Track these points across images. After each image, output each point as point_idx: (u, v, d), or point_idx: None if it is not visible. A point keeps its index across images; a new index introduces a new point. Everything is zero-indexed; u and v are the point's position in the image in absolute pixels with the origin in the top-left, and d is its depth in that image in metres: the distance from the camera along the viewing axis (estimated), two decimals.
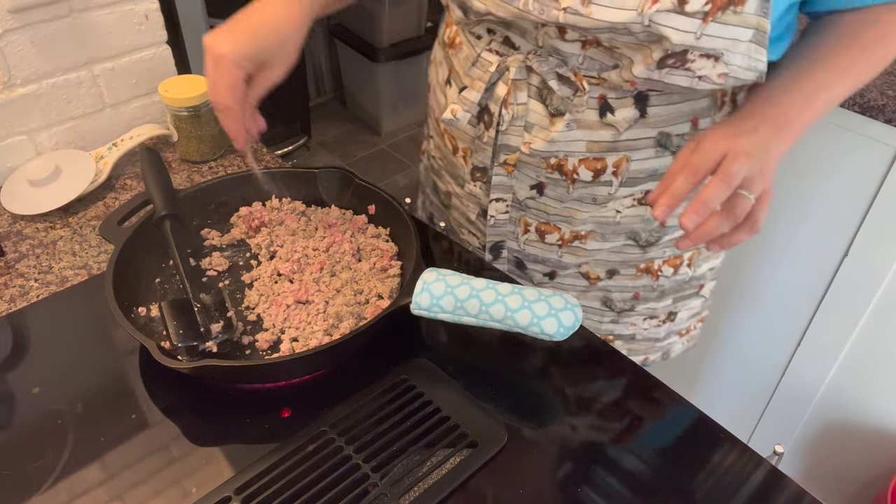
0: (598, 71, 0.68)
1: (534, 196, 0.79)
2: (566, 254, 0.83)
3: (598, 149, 0.72)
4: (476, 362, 0.71)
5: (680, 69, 0.62)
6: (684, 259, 0.85)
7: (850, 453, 1.42)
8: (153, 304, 0.73)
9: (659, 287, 0.86)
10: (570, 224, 0.80)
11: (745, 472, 0.62)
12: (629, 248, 0.82)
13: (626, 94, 0.69)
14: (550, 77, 0.69)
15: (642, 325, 0.91)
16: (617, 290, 0.87)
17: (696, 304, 0.93)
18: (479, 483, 0.59)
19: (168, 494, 0.59)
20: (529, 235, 0.83)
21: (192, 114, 0.98)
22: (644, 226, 0.79)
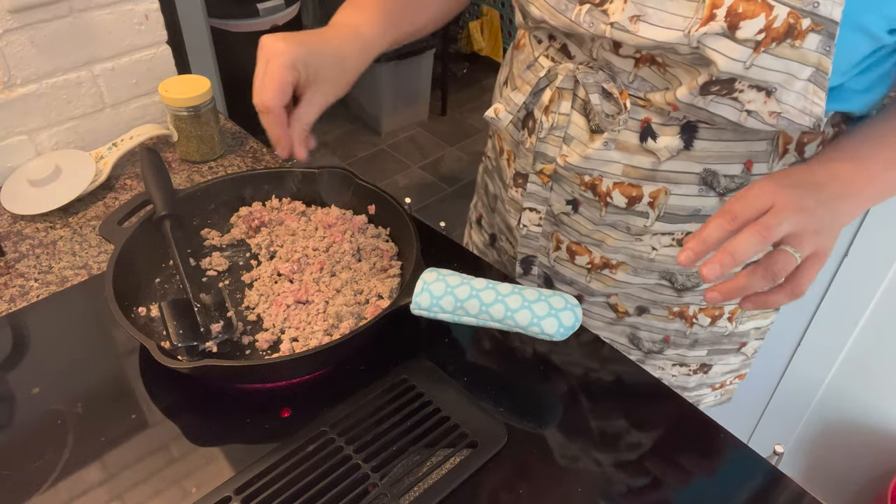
0: (645, 92, 0.64)
1: (568, 212, 0.75)
2: (594, 280, 0.79)
3: (635, 174, 0.68)
4: (476, 362, 0.71)
5: (726, 98, 0.58)
6: (725, 312, 0.79)
7: (850, 453, 1.42)
8: (153, 304, 0.73)
9: (692, 335, 0.81)
10: (600, 249, 0.76)
11: (745, 472, 0.62)
12: (663, 289, 0.77)
13: (673, 122, 0.64)
14: (593, 90, 0.66)
15: (670, 371, 0.86)
16: (646, 329, 0.82)
17: (735, 361, 0.87)
18: (479, 483, 0.59)
19: (168, 494, 0.59)
20: (560, 253, 0.80)
21: (192, 114, 0.98)
22: (681, 269, 0.74)
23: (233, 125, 1.12)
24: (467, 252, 0.86)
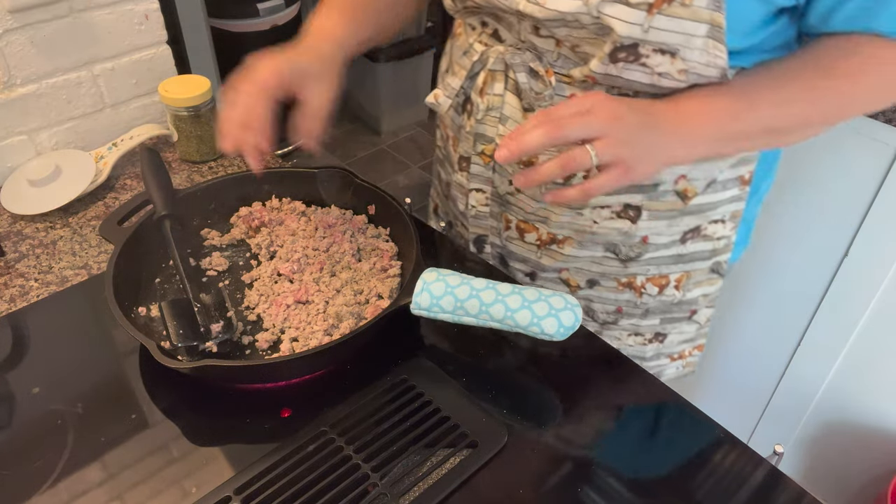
0: (568, 69, 0.68)
1: (512, 192, 0.79)
2: (545, 255, 0.82)
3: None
4: (476, 362, 0.71)
5: (635, 63, 0.62)
6: (671, 280, 0.81)
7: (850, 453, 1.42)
8: (153, 304, 0.73)
9: (643, 305, 0.84)
10: (546, 225, 0.79)
11: (745, 472, 0.62)
12: (608, 261, 0.80)
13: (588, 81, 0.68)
14: (520, 70, 0.70)
15: (626, 341, 0.88)
16: (598, 301, 0.85)
17: (690, 329, 0.89)
18: (479, 483, 0.59)
19: (168, 494, 0.59)
20: (511, 232, 0.83)
21: (192, 114, 0.98)
22: (623, 239, 0.77)
23: None
24: (467, 252, 0.86)
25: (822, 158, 1.21)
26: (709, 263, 0.80)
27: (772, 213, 1.32)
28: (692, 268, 0.80)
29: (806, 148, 1.22)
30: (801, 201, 1.27)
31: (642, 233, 0.75)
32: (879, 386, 1.30)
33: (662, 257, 0.78)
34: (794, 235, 1.30)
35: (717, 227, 0.77)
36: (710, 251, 0.79)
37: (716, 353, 1.55)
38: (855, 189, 1.18)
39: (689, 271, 0.81)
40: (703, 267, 0.80)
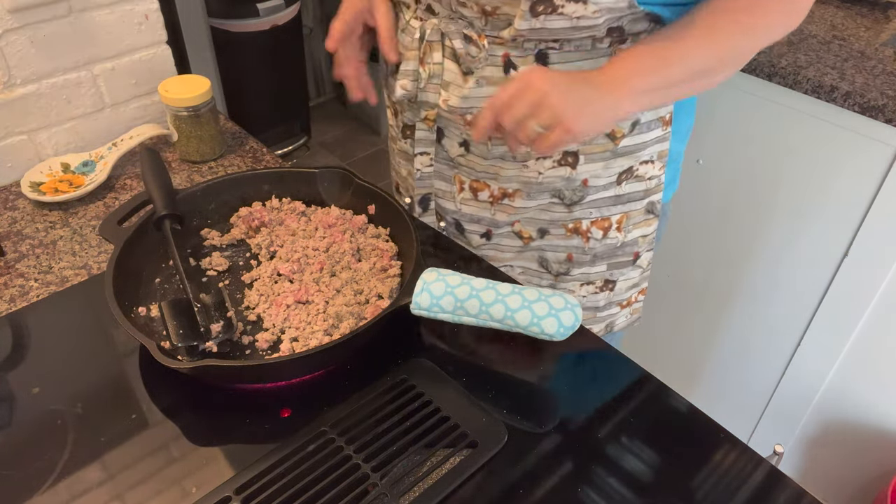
0: (496, 30, 0.74)
1: (463, 153, 0.85)
2: (498, 211, 0.88)
3: None
4: (476, 362, 0.71)
5: (553, 14, 0.68)
6: (612, 222, 0.87)
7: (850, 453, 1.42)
8: (153, 304, 0.73)
9: (590, 250, 0.89)
10: (497, 181, 0.85)
11: (745, 472, 0.62)
12: (555, 207, 0.86)
13: (528, 53, 0.74)
14: (456, 37, 0.76)
15: (580, 292, 0.94)
16: (550, 250, 0.90)
17: (635, 274, 0.95)
18: (479, 483, 0.59)
19: (168, 494, 0.59)
20: (465, 194, 0.88)
21: (192, 114, 0.98)
22: (566, 184, 0.83)
23: (233, 125, 1.12)
24: (467, 252, 0.86)
25: (822, 159, 1.21)
26: (644, 203, 0.87)
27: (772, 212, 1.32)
28: (629, 209, 0.87)
29: (806, 148, 1.22)
30: (802, 201, 1.27)
31: (582, 176, 0.82)
32: (879, 386, 1.30)
33: (602, 199, 0.85)
34: (795, 235, 1.30)
35: (647, 167, 0.84)
36: (643, 191, 0.86)
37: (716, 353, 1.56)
38: (855, 189, 1.18)
39: (628, 212, 0.87)
40: (639, 208, 0.87)
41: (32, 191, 0.93)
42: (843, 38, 1.28)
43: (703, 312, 1.53)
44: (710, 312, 1.51)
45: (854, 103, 1.11)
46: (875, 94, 1.10)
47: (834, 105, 1.14)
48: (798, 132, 1.22)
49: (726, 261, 1.43)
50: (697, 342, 1.58)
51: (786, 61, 1.19)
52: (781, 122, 1.23)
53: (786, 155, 1.26)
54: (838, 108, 1.14)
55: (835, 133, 1.18)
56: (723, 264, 1.44)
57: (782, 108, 1.22)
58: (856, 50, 1.24)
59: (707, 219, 1.43)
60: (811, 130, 1.21)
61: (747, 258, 1.39)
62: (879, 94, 1.10)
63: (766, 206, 1.33)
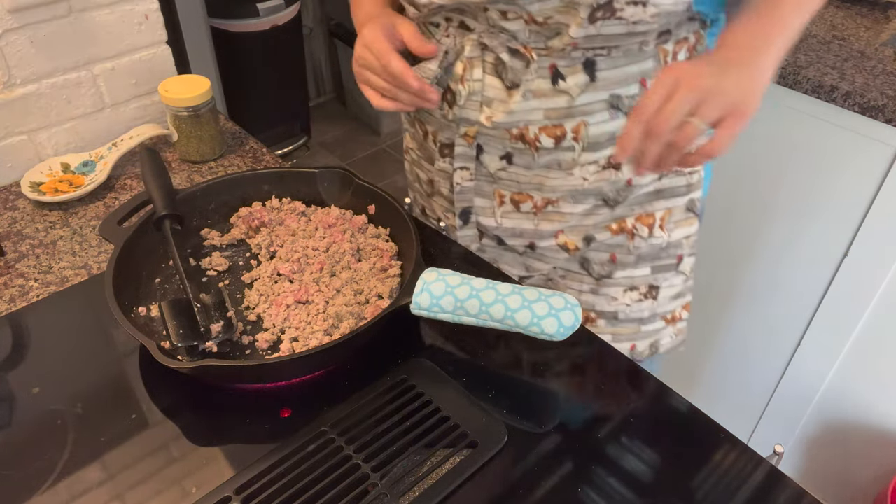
0: (544, 41, 0.71)
1: (504, 167, 0.82)
2: (542, 221, 0.85)
3: (555, 115, 0.75)
4: (476, 362, 0.71)
5: (612, 19, 0.67)
6: (656, 218, 0.86)
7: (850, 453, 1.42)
8: (153, 304, 0.73)
9: (635, 249, 0.87)
10: (541, 192, 0.83)
11: (745, 472, 0.62)
12: (600, 209, 0.84)
13: (575, 62, 0.72)
14: (502, 51, 0.73)
15: (623, 300, 0.91)
16: (594, 252, 0.88)
17: (678, 281, 0.92)
18: (479, 483, 0.59)
19: (168, 494, 0.59)
20: (505, 207, 0.86)
21: (192, 114, 0.98)
22: (611, 186, 0.82)
23: (233, 125, 1.12)
24: (467, 252, 0.86)
25: (822, 159, 1.21)
26: (685, 200, 0.86)
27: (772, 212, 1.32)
28: (672, 204, 0.86)
29: (806, 148, 1.22)
30: (802, 201, 1.27)
31: (626, 177, 0.81)
32: (879, 386, 1.30)
33: (644, 195, 0.83)
34: (795, 235, 1.30)
35: None
36: (685, 186, 0.85)
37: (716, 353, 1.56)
38: (855, 189, 1.18)
39: (670, 208, 0.86)
40: (681, 204, 0.86)
41: (32, 191, 0.93)
42: (843, 38, 1.28)
43: (704, 312, 1.53)
44: (711, 312, 1.51)
45: (854, 103, 1.11)
46: (875, 94, 1.10)
47: (834, 105, 1.14)
48: (798, 132, 1.22)
49: (726, 261, 1.43)
50: (697, 342, 1.58)
51: (786, 61, 1.19)
52: (781, 122, 1.23)
53: (786, 155, 1.26)
54: (838, 108, 1.14)
55: (835, 133, 1.18)
56: (723, 264, 1.44)
57: (782, 108, 1.22)
58: (856, 50, 1.24)
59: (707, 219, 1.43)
60: (811, 130, 1.21)
61: (747, 258, 1.39)
62: (879, 94, 1.10)
63: (766, 206, 1.33)
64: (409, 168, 1.01)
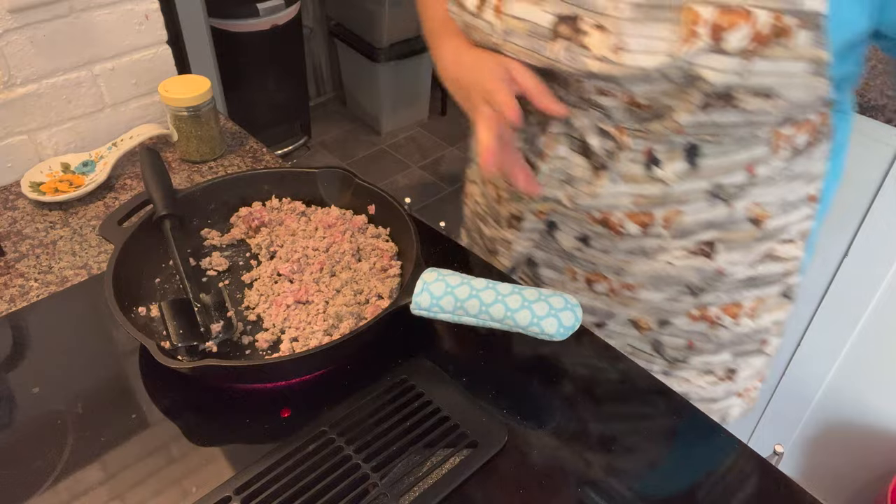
0: (641, 122, 0.63)
1: (580, 247, 0.75)
2: (616, 303, 0.78)
3: (645, 203, 0.68)
4: (476, 362, 0.71)
5: (727, 108, 0.58)
6: (744, 307, 0.77)
7: (850, 453, 1.42)
8: (153, 304, 0.73)
9: (716, 338, 0.79)
10: (619, 276, 0.75)
11: (745, 472, 0.62)
12: (683, 297, 0.76)
13: (675, 147, 0.64)
14: (591, 133, 0.65)
15: (697, 383, 0.83)
16: (669, 335, 0.80)
17: (759, 362, 0.84)
18: (480, 483, 0.59)
19: (168, 494, 0.59)
20: (577, 284, 0.79)
21: (192, 114, 0.98)
22: (699, 274, 0.73)
23: (233, 125, 1.12)
24: (467, 252, 0.86)
25: None
26: (780, 287, 0.77)
27: None
28: (764, 293, 0.76)
29: None
30: None
31: (717, 265, 0.72)
32: (879, 386, 1.30)
33: (735, 282, 0.74)
34: None
35: (788, 247, 0.74)
36: (781, 273, 0.75)
37: None
38: (855, 189, 1.18)
39: (762, 297, 0.77)
40: (775, 291, 0.77)
41: (32, 191, 0.93)
42: None
43: None
44: None
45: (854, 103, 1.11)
46: (875, 94, 1.10)
47: None
48: None
49: None
50: None
51: None
52: None
53: None
54: None
55: None
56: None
57: None
58: None
59: None
60: None
61: None
62: (879, 93, 1.10)
63: None
64: (471, 217, 0.94)
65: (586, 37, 0.57)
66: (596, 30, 0.57)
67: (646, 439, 0.64)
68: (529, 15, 0.61)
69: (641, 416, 0.67)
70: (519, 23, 0.62)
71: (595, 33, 0.57)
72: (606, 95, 0.61)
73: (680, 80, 0.56)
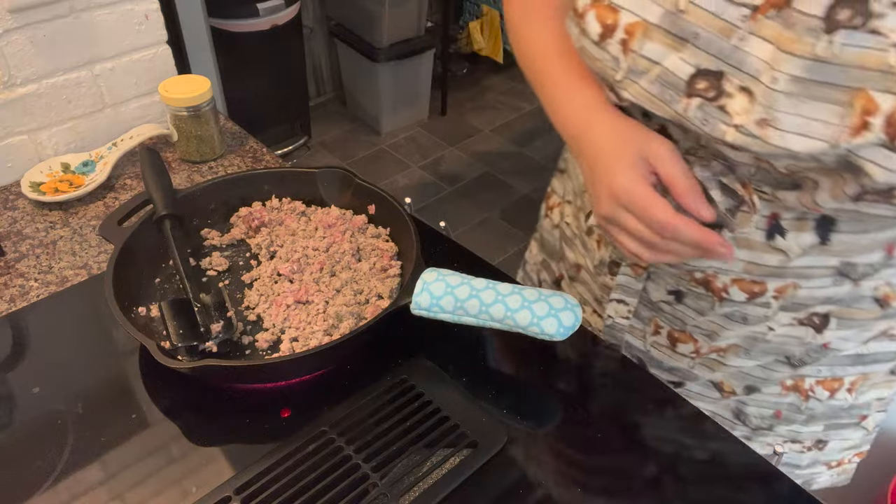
0: (772, 186, 0.55)
1: (670, 301, 0.67)
2: (700, 366, 0.71)
3: (758, 272, 0.60)
4: (476, 362, 0.71)
5: (881, 201, 0.49)
6: (845, 382, 0.69)
7: None
8: (153, 304, 0.73)
9: (807, 410, 0.71)
10: (710, 339, 0.68)
11: (746, 472, 0.62)
12: (778, 365, 0.68)
13: (806, 218, 0.56)
14: (712, 186, 0.56)
15: (780, 449, 0.76)
16: (754, 405, 0.73)
17: (856, 436, 0.76)
18: (479, 483, 0.59)
19: (168, 494, 0.59)
20: (659, 339, 0.72)
21: (192, 114, 0.98)
22: (801, 346, 0.65)
23: (233, 125, 1.12)
24: (467, 252, 0.86)
25: None
26: (890, 365, 0.70)
27: None
28: (871, 370, 0.69)
29: None
30: None
31: (825, 340, 0.64)
32: None
33: (841, 358, 0.67)
34: None
35: None
36: (893, 352, 0.68)
37: None
38: None
39: (867, 373, 0.70)
40: (884, 369, 0.70)
41: (32, 191, 0.93)
42: None
43: None
44: None
45: None
46: None
47: None
48: None
49: None
50: None
51: None
52: None
53: None
54: None
55: None
56: None
57: None
58: None
59: None
60: None
61: None
62: None
63: None
64: (552, 233, 0.85)
65: (728, 99, 0.49)
66: (741, 93, 0.48)
67: (646, 439, 0.64)
68: (664, 60, 0.51)
69: (642, 417, 0.66)
70: (649, 65, 0.52)
71: (739, 97, 0.48)
72: (738, 150, 0.51)
73: (834, 165, 0.48)
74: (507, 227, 2.45)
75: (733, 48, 0.48)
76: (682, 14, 0.49)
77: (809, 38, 0.44)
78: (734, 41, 0.48)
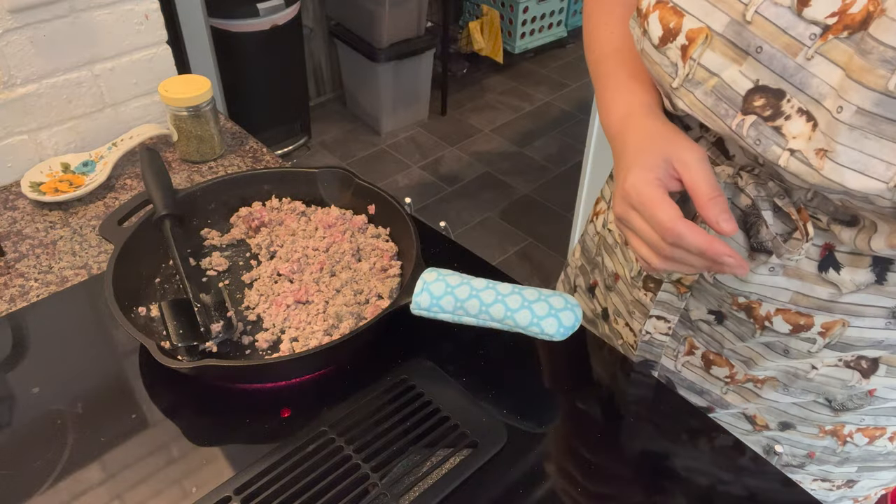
0: (829, 216, 0.52)
1: (710, 321, 0.64)
2: (732, 393, 0.67)
3: (806, 304, 0.56)
4: (476, 362, 0.71)
5: None
6: (887, 431, 0.66)
7: None
8: (153, 304, 0.73)
9: (843, 453, 0.68)
10: (746, 366, 0.64)
11: (746, 472, 0.62)
12: (818, 407, 0.65)
13: (864, 253, 0.52)
14: (765, 207, 0.52)
15: (809, 486, 0.73)
16: (787, 444, 0.69)
17: (888, 477, 0.73)
18: (480, 483, 0.59)
19: (168, 494, 0.59)
20: (692, 359, 0.68)
21: (192, 114, 0.98)
22: (844, 389, 0.62)
23: (233, 125, 1.12)
24: (467, 252, 0.86)
25: None
26: None
27: None
28: None
29: None
30: None
31: (870, 386, 0.61)
32: None
33: (886, 408, 0.64)
34: None
35: None
36: None
37: None
38: None
39: None
40: None
41: (32, 191, 0.93)
42: None
43: None
44: None
45: None
46: None
47: None
48: None
49: None
50: None
51: None
52: None
53: None
54: None
55: None
56: None
57: None
58: None
59: None
60: None
61: None
62: None
63: None
64: (598, 243, 0.81)
65: (785, 121, 0.46)
66: (801, 116, 0.45)
67: (646, 439, 0.64)
68: (722, 71, 0.49)
69: (642, 417, 0.66)
70: (707, 76, 0.50)
71: (798, 120, 0.46)
72: (796, 175, 0.48)
73: (890, 211, 0.45)
74: (507, 227, 2.45)
75: (798, 67, 0.45)
76: (747, 25, 0.47)
77: (884, 71, 0.41)
78: (800, 59, 0.45)
